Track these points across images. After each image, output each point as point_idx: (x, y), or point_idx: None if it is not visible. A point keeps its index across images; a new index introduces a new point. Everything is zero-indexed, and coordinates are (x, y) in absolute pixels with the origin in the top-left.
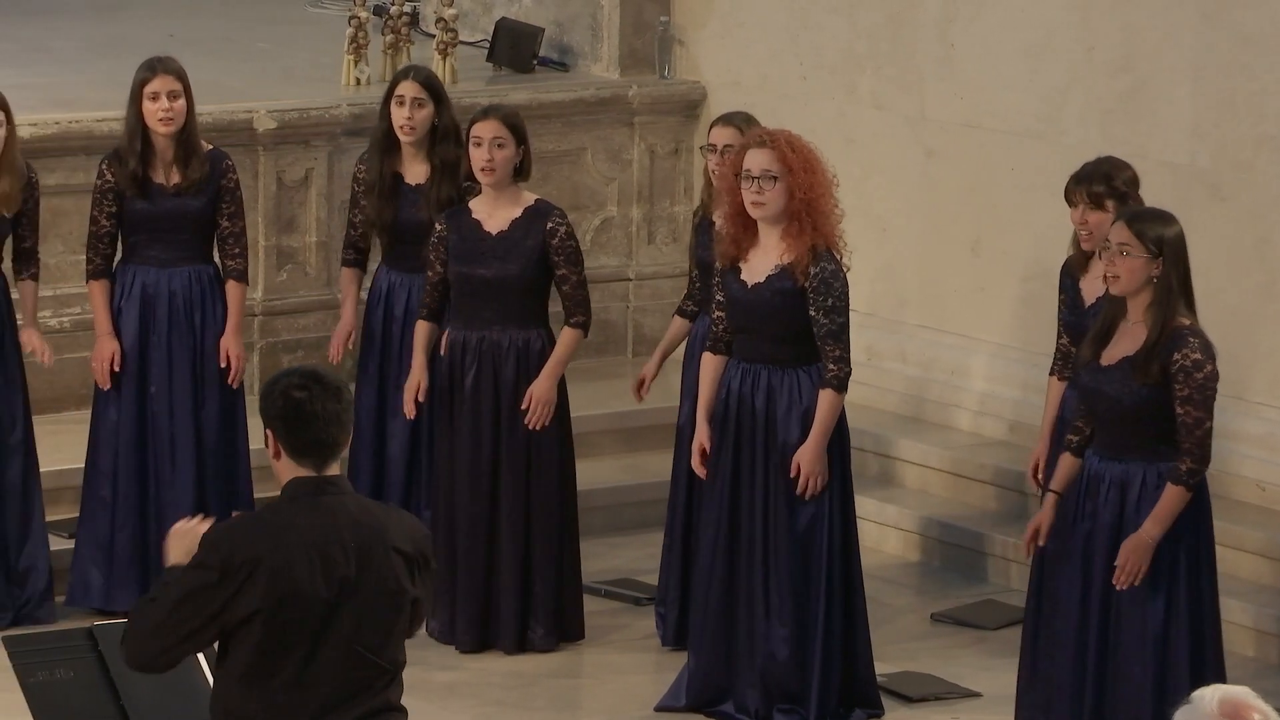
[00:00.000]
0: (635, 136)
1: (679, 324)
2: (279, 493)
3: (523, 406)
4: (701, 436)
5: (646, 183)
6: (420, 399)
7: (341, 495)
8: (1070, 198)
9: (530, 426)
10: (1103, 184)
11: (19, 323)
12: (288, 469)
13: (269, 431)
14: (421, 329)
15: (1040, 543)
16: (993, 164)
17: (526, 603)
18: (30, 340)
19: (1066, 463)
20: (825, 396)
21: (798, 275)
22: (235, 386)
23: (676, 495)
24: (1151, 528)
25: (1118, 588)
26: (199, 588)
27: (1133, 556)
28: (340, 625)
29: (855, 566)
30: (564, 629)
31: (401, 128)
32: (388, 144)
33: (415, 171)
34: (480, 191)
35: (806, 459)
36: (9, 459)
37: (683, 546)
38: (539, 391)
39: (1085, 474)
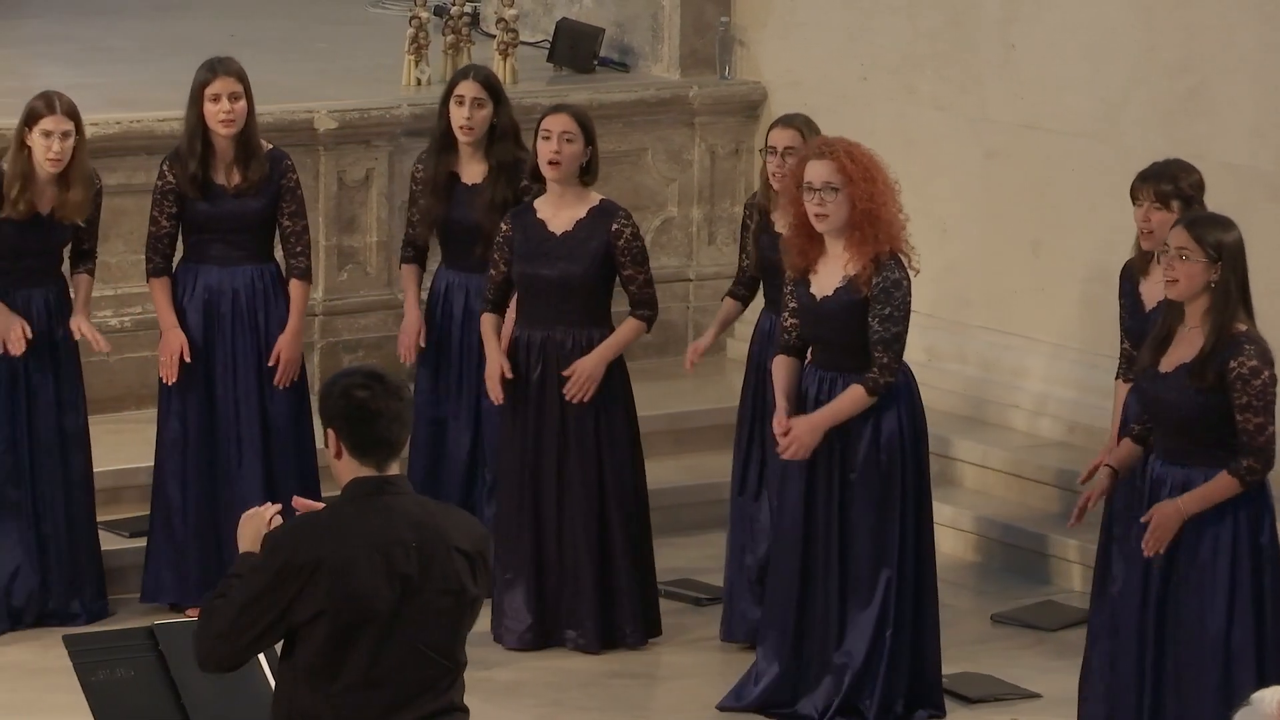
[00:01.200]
0: (696, 137)
1: (730, 304)
2: (339, 493)
3: (565, 373)
4: (782, 414)
5: (707, 183)
6: (508, 374)
7: (401, 495)
8: (1135, 195)
9: (567, 397)
10: (1170, 184)
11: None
12: (349, 468)
13: (330, 431)
14: (488, 320)
15: (1090, 506)
16: (1053, 165)
17: (607, 601)
18: (80, 327)
19: (1126, 446)
20: (853, 389)
21: (862, 286)
22: (282, 387)
23: (736, 488)
24: (1188, 502)
25: (1145, 554)
26: (262, 591)
27: (1161, 523)
28: (403, 625)
29: (928, 568)
30: (649, 626)
31: (461, 127)
32: (445, 143)
33: (472, 171)
34: (541, 191)
35: (800, 425)
36: (69, 457)
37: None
38: (585, 366)
39: (1148, 478)
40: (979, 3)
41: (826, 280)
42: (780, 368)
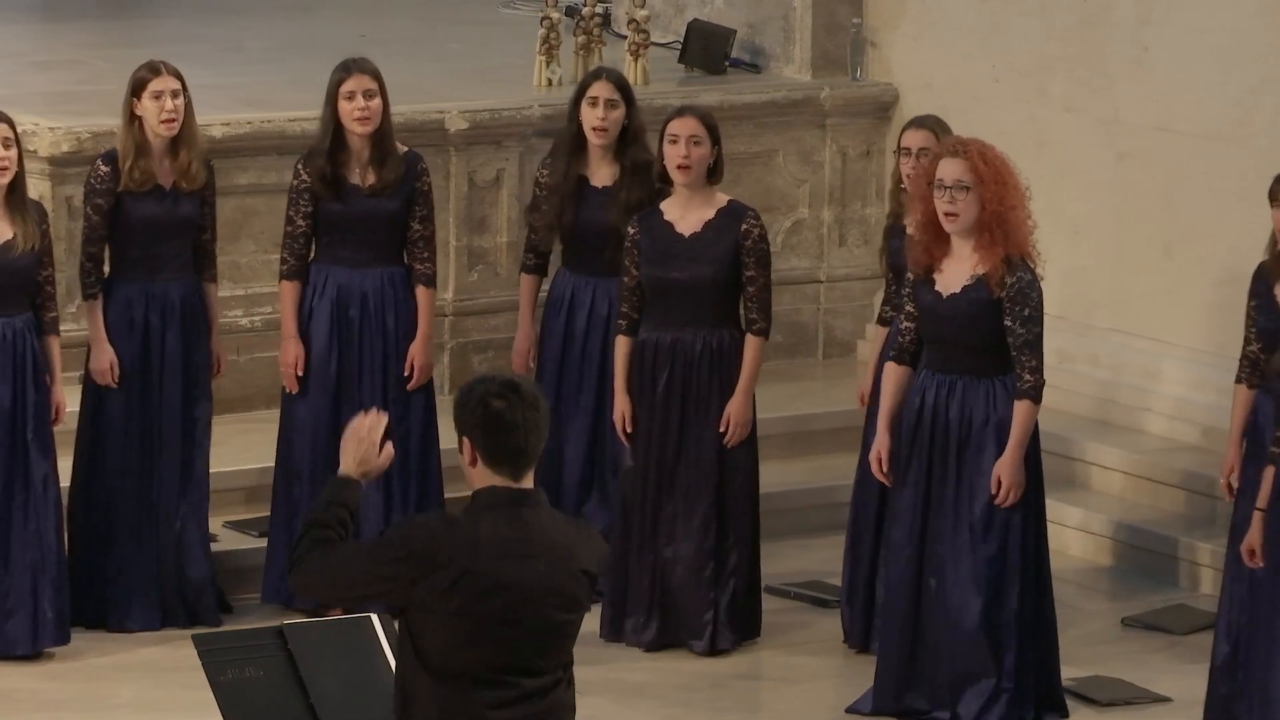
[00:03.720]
0: (827, 138)
1: (883, 333)
2: (471, 497)
3: (720, 429)
4: (880, 446)
5: (838, 184)
6: (629, 429)
7: (538, 509)
8: (1275, 197)
9: (726, 443)
10: None
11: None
12: (482, 477)
13: (465, 439)
14: (623, 346)
15: (1259, 563)
16: (1185, 167)
17: (715, 602)
18: (219, 356)
19: (1270, 477)
20: (1022, 407)
21: (993, 286)
22: (411, 390)
23: (860, 496)
24: None
25: None
26: (383, 563)
27: None
28: (520, 634)
29: (1046, 574)
30: (749, 629)
31: (595, 129)
32: (576, 146)
33: (602, 174)
34: (671, 193)
35: (1007, 471)
36: (190, 456)
37: (872, 547)
38: (736, 412)
39: None
40: (1112, 5)
41: (953, 278)
42: (890, 378)
